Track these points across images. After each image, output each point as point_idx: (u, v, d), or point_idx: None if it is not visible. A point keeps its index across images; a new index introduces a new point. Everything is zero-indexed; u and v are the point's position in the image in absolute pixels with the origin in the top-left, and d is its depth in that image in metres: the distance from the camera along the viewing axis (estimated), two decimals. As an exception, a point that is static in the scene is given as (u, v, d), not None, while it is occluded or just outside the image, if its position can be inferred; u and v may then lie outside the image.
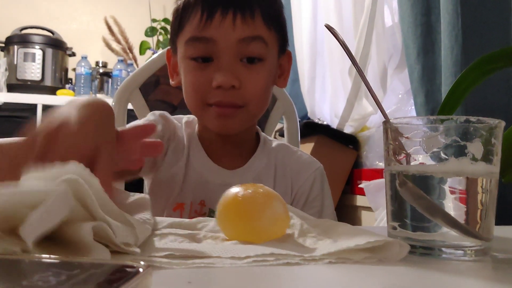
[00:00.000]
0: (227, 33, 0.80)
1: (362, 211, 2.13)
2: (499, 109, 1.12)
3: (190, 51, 0.83)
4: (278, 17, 0.88)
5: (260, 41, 0.83)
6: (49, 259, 0.27)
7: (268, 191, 0.46)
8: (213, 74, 0.81)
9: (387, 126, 0.49)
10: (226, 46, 0.81)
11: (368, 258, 0.41)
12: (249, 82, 0.82)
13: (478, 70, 0.79)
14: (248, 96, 0.83)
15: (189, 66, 0.84)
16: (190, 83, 0.84)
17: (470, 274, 0.40)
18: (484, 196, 0.45)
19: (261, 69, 0.84)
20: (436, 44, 1.37)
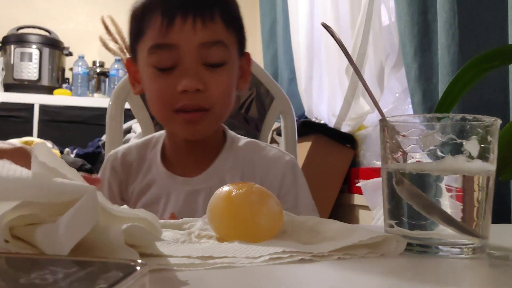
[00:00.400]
0: (188, 37, 0.81)
1: (360, 210, 2.13)
2: (496, 108, 1.12)
3: (154, 59, 0.83)
4: (237, 18, 0.89)
5: (221, 45, 0.83)
6: (47, 257, 0.27)
7: (262, 190, 0.47)
8: (177, 79, 0.81)
9: (383, 124, 0.49)
10: (188, 51, 0.81)
11: (370, 253, 0.42)
12: (213, 85, 0.83)
13: (474, 68, 0.79)
14: (213, 99, 0.83)
15: (153, 74, 0.84)
16: (155, 90, 0.84)
17: (467, 271, 0.40)
18: (480, 194, 0.45)
19: (223, 72, 0.84)
20: (433, 43, 1.37)
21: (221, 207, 0.45)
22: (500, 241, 0.57)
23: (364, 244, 0.42)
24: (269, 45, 2.96)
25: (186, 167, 0.91)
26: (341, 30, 2.32)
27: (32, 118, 2.79)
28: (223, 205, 0.45)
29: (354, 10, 2.19)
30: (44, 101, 2.83)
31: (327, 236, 0.45)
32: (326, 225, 0.49)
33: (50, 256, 0.27)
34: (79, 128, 2.79)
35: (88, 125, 2.77)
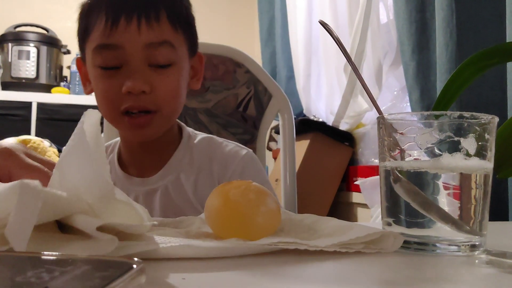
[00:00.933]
0: (133, 38, 0.79)
1: (358, 208, 2.13)
2: (494, 106, 1.12)
3: (98, 59, 0.82)
4: (186, 17, 0.88)
5: (168, 46, 0.82)
6: (43, 255, 0.27)
7: (259, 188, 0.46)
8: (123, 80, 0.80)
9: (381, 122, 0.49)
10: (133, 52, 0.80)
11: (366, 248, 0.42)
12: (160, 87, 0.81)
13: (472, 66, 0.79)
14: (160, 100, 0.82)
15: (99, 75, 0.83)
16: (100, 91, 0.83)
17: (464, 268, 0.40)
18: (478, 191, 0.45)
19: (171, 73, 0.83)
20: (431, 41, 1.38)
21: (219, 205, 0.45)
22: (497, 239, 0.57)
23: (361, 241, 0.42)
24: (267, 43, 2.96)
25: (143, 168, 0.90)
26: (339, 28, 2.32)
27: (30, 116, 2.78)
28: (220, 203, 0.45)
29: (352, 8, 2.20)
30: (42, 100, 2.82)
31: (324, 233, 0.46)
32: (324, 222, 0.49)
33: (46, 255, 0.27)
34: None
35: (86, 123, 2.77)
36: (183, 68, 0.86)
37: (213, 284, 0.32)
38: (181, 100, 0.87)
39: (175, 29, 0.83)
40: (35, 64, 2.94)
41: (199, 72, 0.93)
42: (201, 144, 0.93)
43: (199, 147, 0.93)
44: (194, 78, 0.92)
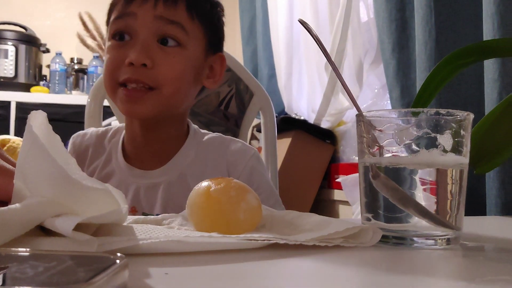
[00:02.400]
0: (147, 9, 0.81)
1: (340, 205, 2.15)
2: (472, 103, 1.14)
3: (112, 29, 0.84)
4: (208, 14, 0.89)
5: (179, 27, 0.83)
6: (26, 252, 0.27)
7: (240, 185, 0.47)
8: (128, 52, 0.81)
9: (360, 119, 0.49)
10: (144, 22, 0.81)
11: (345, 242, 0.43)
12: (163, 64, 0.81)
13: (450, 65, 0.80)
14: (161, 78, 0.81)
15: (110, 45, 0.84)
16: (106, 61, 0.84)
17: (441, 262, 0.41)
18: (454, 186, 0.46)
19: (177, 53, 0.83)
20: (410, 39, 1.39)
21: (200, 202, 0.46)
22: (473, 233, 0.59)
23: (340, 235, 0.43)
24: (249, 42, 2.96)
25: (145, 160, 0.89)
26: (320, 26, 2.33)
27: (9, 116, 2.75)
28: (202, 200, 0.46)
29: (333, 6, 2.21)
30: (21, 99, 2.79)
31: (305, 228, 0.46)
32: (304, 218, 0.50)
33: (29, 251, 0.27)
34: (57, 126, 2.70)
35: (66, 122, 2.74)
36: (193, 57, 0.86)
37: (195, 279, 0.32)
38: (182, 86, 0.85)
39: (191, 18, 0.85)
40: (13, 63, 2.90)
41: (218, 73, 0.93)
42: (209, 143, 0.93)
43: (207, 146, 0.92)
44: (210, 79, 0.92)
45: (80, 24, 3.15)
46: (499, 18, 0.97)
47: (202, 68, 0.89)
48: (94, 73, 3.02)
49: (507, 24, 0.96)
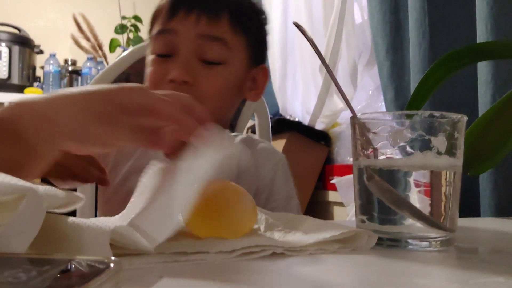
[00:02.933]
0: (188, 27, 0.80)
1: (334, 206, 2.15)
2: (465, 105, 1.14)
3: (153, 46, 0.83)
4: (254, 25, 0.87)
5: (221, 43, 0.81)
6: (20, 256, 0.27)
7: (236, 187, 0.47)
8: (170, 69, 0.80)
9: (354, 121, 0.50)
10: (186, 40, 0.80)
11: (341, 248, 0.43)
12: (204, 81, 0.80)
13: (444, 67, 0.80)
14: (202, 95, 0.80)
15: (151, 61, 0.84)
16: (147, 76, 0.84)
17: (435, 263, 0.41)
18: (448, 188, 0.47)
19: (219, 70, 0.82)
20: (404, 41, 1.39)
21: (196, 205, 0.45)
22: (467, 234, 0.59)
23: (336, 240, 0.43)
24: (244, 43, 2.96)
25: None
26: (314, 28, 2.34)
27: (3, 117, 2.74)
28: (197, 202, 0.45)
29: (327, 8, 2.21)
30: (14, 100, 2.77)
31: (300, 232, 0.46)
32: (299, 221, 0.50)
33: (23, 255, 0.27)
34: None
35: (60, 124, 2.73)
36: (235, 73, 0.85)
37: (189, 283, 0.32)
38: (225, 102, 0.85)
39: (234, 31, 0.83)
40: (7, 64, 2.88)
41: (260, 85, 0.91)
42: (242, 144, 0.94)
43: (240, 147, 0.92)
44: (253, 91, 0.90)
45: (74, 25, 3.14)
46: (492, 20, 0.97)
47: (245, 81, 0.88)
48: (88, 74, 3.01)
49: (500, 27, 0.96)
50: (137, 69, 1.20)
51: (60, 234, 0.35)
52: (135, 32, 3.20)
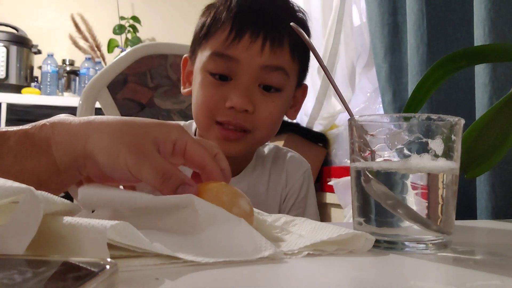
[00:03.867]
0: (253, 56, 0.79)
1: (332, 208, 2.15)
2: (463, 107, 1.15)
3: (211, 65, 0.81)
4: (305, 47, 0.86)
5: (282, 72, 0.81)
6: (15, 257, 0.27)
7: (232, 189, 0.47)
8: (229, 93, 0.79)
9: (352, 123, 0.50)
10: (248, 69, 0.79)
11: (339, 250, 0.43)
12: (263, 109, 0.81)
13: (441, 69, 0.81)
14: (259, 122, 0.81)
15: (206, 80, 0.81)
16: (203, 97, 0.82)
17: (431, 266, 0.41)
18: (444, 191, 0.47)
19: (277, 98, 0.82)
20: (402, 43, 1.40)
21: None
22: (464, 237, 0.59)
23: (333, 241, 0.43)
24: (242, 45, 2.96)
25: None
26: (313, 30, 2.32)
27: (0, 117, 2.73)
28: None
29: (326, 10, 2.22)
30: (12, 100, 2.77)
31: (297, 234, 0.46)
32: (297, 223, 0.50)
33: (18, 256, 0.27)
34: (49, 127, 2.73)
35: (58, 124, 2.72)
36: (288, 97, 0.86)
37: (186, 284, 0.32)
38: (276, 126, 0.86)
39: (293, 57, 0.82)
40: (4, 64, 2.88)
41: (299, 102, 0.92)
42: (270, 154, 0.95)
43: (268, 157, 0.95)
44: (292, 108, 0.91)
45: (72, 26, 3.14)
46: (490, 23, 0.97)
47: (290, 102, 0.89)
48: (86, 74, 3.01)
49: (497, 30, 0.97)
50: (135, 69, 1.20)
51: (56, 235, 0.34)
52: (133, 33, 3.20)
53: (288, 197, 0.93)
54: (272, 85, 0.81)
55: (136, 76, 1.19)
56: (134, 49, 1.21)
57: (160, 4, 3.43)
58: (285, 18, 0.82)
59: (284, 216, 0.54)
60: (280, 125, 0.89)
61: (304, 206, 0.94)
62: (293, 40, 0.82)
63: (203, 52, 0.83)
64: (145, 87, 1.20)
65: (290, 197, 0.93)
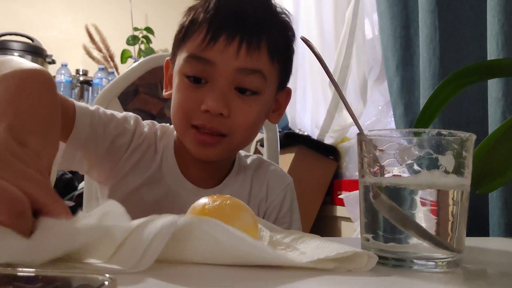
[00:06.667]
0: (228, 59, 0.77)
1: (342, 221, 2.13)
2: (475, 122, 1.13)
3: (187, 68, 0.80)
4: (286, 50, 0.86)
5: (259, 75, 0.80)
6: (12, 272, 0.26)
7: (236, 203, 0.47)
8: (204, 96, 0.78)
9: (361, 138, 0.49)
10: (224, 71, 0.78)
11: (338, 268, 0.42)
12: (239, 113, 0.79)
13: (453, 83, 0.80)
14: (235, 126, 0.80)
15: (182, 83, 0.81)
16: (179, 101, 0.81)
17: (441, 285, 0.40)
18: (455, 208, 0.46)
19: (254, 102, 0.81)
20: (415, 57, 1.39)
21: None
22: (475, 255, 0.58)
23: (332, 259, 0.41)
24: (254, 56, 2.96)
25: (193, 179, 0.87)
26: (325, 43, 2.34)
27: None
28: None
29: (338, 23, 2.21)
30: None
31: (300, 251, 0.45)
32: (304, 240, 0.49)
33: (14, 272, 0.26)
34: (61, 136, 2.75)
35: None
36: (267, 100, 0.84)
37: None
38: (255, 130, 0.85)
39: (271, 60, 0.81)
40: (19, 74, 2.91)
41: (282, 106, 0.91)
42: (253, 166, 0.94)
43: (251, 169, 0.93)
44: (275, 112, 0.90)
45: (86, 36, 3.16)
46: (503, 37, 0.96)
47: (271, 105, 0.88)
48: (99, 84, 3.03)
49: (511, 44, 0.96)
50: (146, 80, 1.20)
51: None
52: (147, 44, 3.22)
53: (268, 213, 0.91)
54: (248, 89, 0.80)
55: (147, 87, 1.20)
56: (145, 60, 1.22)
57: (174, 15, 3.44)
58: (264, 20, 0.82)
59: (295, 233, 0.53)
60: (258, 129, 0.87)
61: (290, 221, 0.92)
62: (272, 43, 0.81)
63: (181, 54, 0.82)
64: (155, 98, 1.20)
65: (272, 212, 0.91)
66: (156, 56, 1.28)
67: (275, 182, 0.93)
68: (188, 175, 0.87)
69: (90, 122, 0.80)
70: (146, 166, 0.86)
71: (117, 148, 0.84)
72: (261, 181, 0.92)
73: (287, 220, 0.92)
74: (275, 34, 0.82)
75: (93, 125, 0.80)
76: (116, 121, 0.84)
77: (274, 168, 0.96)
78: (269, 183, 0.92)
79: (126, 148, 0.84)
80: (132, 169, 0.85)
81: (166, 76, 0.91)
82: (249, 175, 0.92)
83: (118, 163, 0.84)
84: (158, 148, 0.88)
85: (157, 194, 0.85)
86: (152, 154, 0.87)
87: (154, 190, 0.85)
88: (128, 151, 0.85)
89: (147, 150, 0.87)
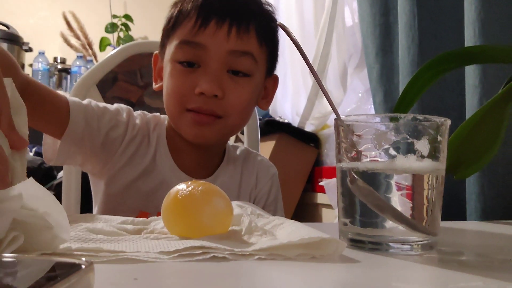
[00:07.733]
0: (219, 42, 0.80)
1: (323, 208, 2.15)
2: (453, 108, 1.15)
3: (179, 54, 0.82)
4: (272, 36, 0.88)
5: (250, 57, 0.83)
6: (-14, 257, 0.26)
7: (209, 188, 0.48)
8: (198, 80, 0.80)
9: (338, 123, 0.49)
10: (215, 54, 0.80)
11: (301, 255, 0.40)
12: (233, 94, 0.82)
13: (432, 70, 0.81)
14: (229, 107, 0.82)
15: (175, 69, 0.82)
16: (173, 86, 0.83)
17: (415, 267, 0.41)
18: (430, 192, 0.46)
19: (246, 83, 0.83)
20: (394, 44, 1.40)
21: (170, 206, 0.47)
22: (450, 238, 0.59)
23: (300, 246, 0.40)
24: (234, 44, 2.95)
25: (190, 167, 0.88)
26: (305, 30, 2.34)
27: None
28: (171, 204, 0.47)
29: (318, 10, 2.22)
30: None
31: (272, 236, 0.46)
32: (283, 227, 0.49)
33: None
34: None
35: (49, 122, 2.71)
36: (258, 84, 0.86)
37: (165, 284, 0.32)
38: (248, 113, 0.88)
39: (260, 44, 0.84)
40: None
41: (270, 93, 0.93)
42: (242, 156, 0.96)
43: (240, 159, 0.95)
44: (264, 99, 0.92)
45: (64, 24, 3.11)
46: (480, 25, 0.98)
47: (261, 90, 0.90)
48: (78, 73, 2.99)
49: (487, 31, 0.97)
50: (125, 68, 1.19)
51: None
52: (126, 31, 3.18)
53: (257, 200, 0.94)
54: (240, 70, 0.82)
55: (126, 75, 1.19)
56: (124, 47, 1.21)
57: (153, 3, 3.42)
58: (251, 6, 0.85)
59: (278, 218, 0.53)
60: (251, 113, 0.90)
61: (274, 210, 0.95)
62: (260, 27, 0.84)
63: (171, 43, 0.84)
64: (135, 85, 1.19)
65: (260, 201, 0.94)
66: (135, 43, 1.27)
67: (263, 172, 0.96)
68: (182, 165, 0.88)
69: (84, 116, 0.81)
70: (141, 157, 0.87)
71: (112, 141, 0.85)
72: (251, 171, 0.95)
73: (272, 209, 0.94)
74: (262, 20, 0.85)
75: (87, 119, 0.81)
76: (110, 114, 0.85)
77: (261, 159, 0.99)
78: (258, 173, 0.95)
79: (121, 140, 0.85)
80: (128, 162, 0.86)
81: (154, 70, 0.92)
82: (239, 166, 0.94)
83: (113, 156, 0.85)
84: (151, 139, 0.89)
85: (152, 184, 0.86)
86: (146, 145, 0.88)
87: (149, 181, 0.86)
88: (123, 143, 0.85)
89: (141, 142, 0.88)
